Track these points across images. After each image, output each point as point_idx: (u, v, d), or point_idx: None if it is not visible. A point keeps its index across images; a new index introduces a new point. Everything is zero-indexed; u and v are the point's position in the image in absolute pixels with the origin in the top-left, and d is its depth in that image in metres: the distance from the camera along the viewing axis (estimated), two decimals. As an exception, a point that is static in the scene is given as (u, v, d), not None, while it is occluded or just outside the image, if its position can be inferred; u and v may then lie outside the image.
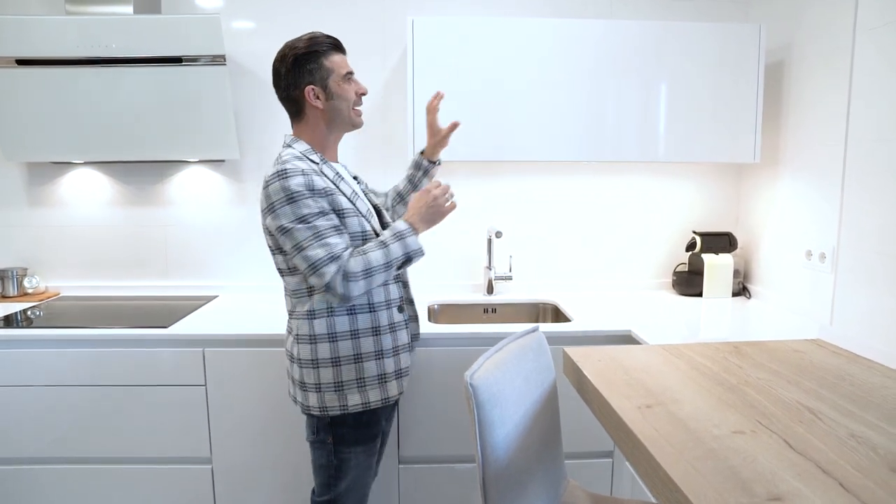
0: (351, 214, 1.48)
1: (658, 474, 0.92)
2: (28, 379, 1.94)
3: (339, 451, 1.54)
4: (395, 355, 1.56)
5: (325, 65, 1.50)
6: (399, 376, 1.58)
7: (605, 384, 1.23)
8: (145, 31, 2.08)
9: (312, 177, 1.42)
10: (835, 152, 1.89)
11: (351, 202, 1.50)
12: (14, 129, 2.21)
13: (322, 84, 1.51)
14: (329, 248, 1.39)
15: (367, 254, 1.43)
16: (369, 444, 1.58)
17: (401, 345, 1.58)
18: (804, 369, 1.34)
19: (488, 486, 1.04)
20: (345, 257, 1.40)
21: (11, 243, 2.49)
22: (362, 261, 1.41)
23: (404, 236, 1.46)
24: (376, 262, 1.42)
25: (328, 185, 1.45)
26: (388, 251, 1.44)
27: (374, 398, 1.53)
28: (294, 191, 1.39)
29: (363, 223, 1.50)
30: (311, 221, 1.40)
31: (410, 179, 1.86)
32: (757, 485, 0.86)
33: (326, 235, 1.40)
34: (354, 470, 1.56)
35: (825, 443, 0.99)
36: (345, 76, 1.53)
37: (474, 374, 1.03)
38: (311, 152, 1.52)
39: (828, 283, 1.93)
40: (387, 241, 1.45)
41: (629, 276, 2.55)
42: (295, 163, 1.43)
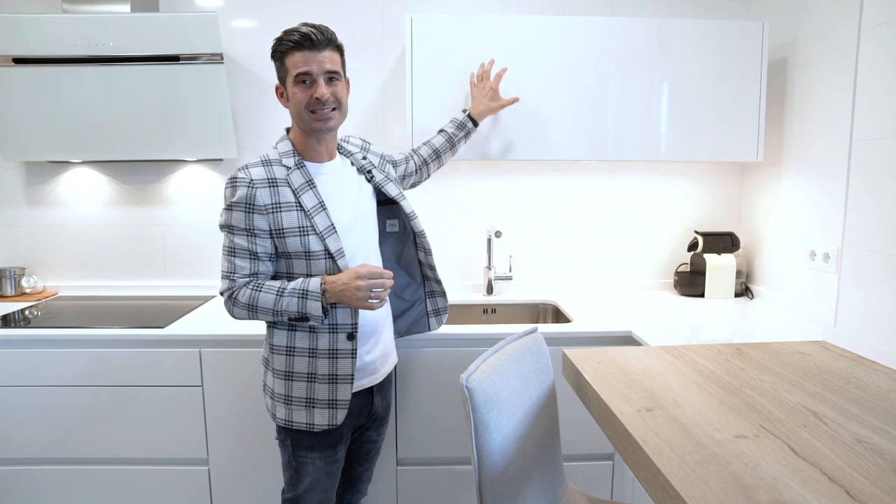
0: (292, 234, 1.42)
1: (658, 480, 0.90)
2: (25, 379, 1.92)
3: (296, 454, 1.54)
4: (331, 383, 1.47)
5: (286, 64, 1.44)
6: (331, 406, 1.48)
7: (604, 387, 1.21)
8: (142, 30, 2.07)
9: (258, 191, 1.40)
10: (839, 151, 1.87)
11: (308, 217, 1.43)
12: (11, 128, 2.20)
13: (284, 83, 1.47)
14: (232, 266, 1.43)
15: (260, 292, 1.41)
16: (327, 452, 1.54)
17: (340, 374, 1.47)
18: (808, 372, 1.31)
19: (484, 491, 1.01)
20: (238, 283, 1.42)
21: (9, 243, 2.48)
22: (250, 295, 1.41)
23: (308, 297, 1.39)
24: (264, 303, 1.41)
25: (279, 200, 1.42)
26: (279, 301, 1.40)
27: (298, 419, 1.49)
28: (233, 201, 1.41)
29: (308, 242, 1.42)
30: (233, 235, 1.43)
31: (451, 139, 1.86)
32: (759, 491, 0.84)
33: (237, 255, 1.42)
34: (312, 475, 1.55)
35: (831, 448, 0.96)
36: (296, 78, 1.42)
37: (470, 377, 1.00)
38: (289, 154, 1.48)
39: (832, 284, 1.90)
40: (286, 292, 1.40)
41: (630, 277, 2.53)
42: (252, 170, 1.42)
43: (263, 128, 2.41)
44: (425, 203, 2.43)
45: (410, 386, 1.91)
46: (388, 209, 1.68)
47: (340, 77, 1.47)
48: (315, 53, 1.41)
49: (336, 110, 1.46)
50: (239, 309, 1.44)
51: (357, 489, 1.76)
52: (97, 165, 2.46)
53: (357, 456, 1.71)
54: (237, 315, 1.45)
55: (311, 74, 1.41)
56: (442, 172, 2.40)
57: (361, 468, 1.73)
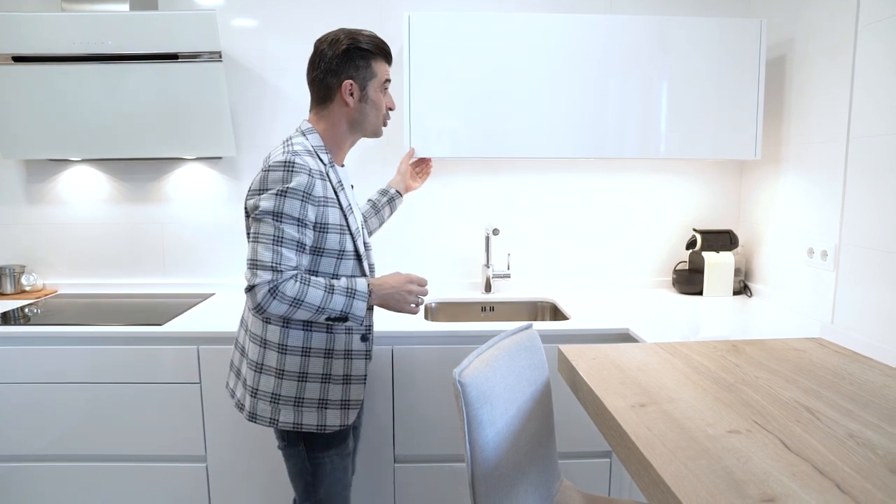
0: (334, 230, 1.41)
1: (650, 474, 0.90)
2: (24, 376, 1.93)
3: (313, 457, 1.50)
4: (345, 384, 1.48)
5: (373, 67, 1.48)
6: (344, 407, 1.48)
7: (599, 383, 1.21)
8: (141, 28, 2.07)
9: (316, 180, 1.36)
10: (837, 149, 1.86)
11: (344, 216, 1.45)
12: (11, 126, 2.21)
13: (361, 84, 1.47)
14: (279, 256, 1.32)
15: (309, 286, 1.34)
16: (341, 447, 1.53)
17: (354, 375, 1.49)
18: (803, 368, 1.31)
19: (477, 486, 1.02)
20: (286, 275, 1.32)
21: (9, 241, 2.49)
22: (299, 289, 1.33)
23: (355, 297, 1.39)
24: (311, 299, 1.34)
25: (327, 194, 1.41)
26: (329, 299, 1.36)
27: (308, 422, 1.45)
28: (291, 187, 1.32)
29: (345, 241, 1.44)
30: (283, 224, 1.33)
31: (374, 206, 1.88)
32: (750, 486, 0.84)
33: (286, 245, 1.33)
34: (331, 474, 1.52)
35: (823, 443, 0.97)
36: (384, 84, 1.52)
37: (463, 372, 1.01)
38: (322, 150, 1.46)
39: (829, 282, 1.90)
40: (336, 289, 1.37)
41: (629, 275, 2.53)
42: (306, 158, 1.37)
43: (262, 126, 2.41)
44: (424, 201, 2.44)
45: (408, 383, 1.91)
46: None
47: None
48: (390, 68, 1.56)
49: None
50: (280, 303, 1.32)
51: None
52: (96, 163, 2.46)
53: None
54: (273, 310, 1.33)
55: (390, 83, 1.55)
56: (440, 171, 2.41)
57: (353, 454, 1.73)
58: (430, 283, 2.45)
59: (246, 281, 1.34)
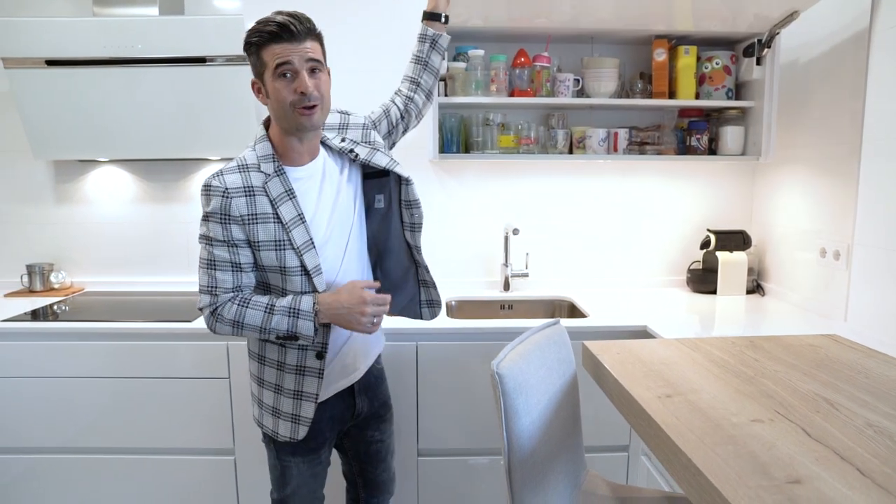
0: (267, 247, 1.35)
1: (679, 459, 0.95)
2: (55, 371, 1.99)
3: (280, 458, 1.53)
4: (296, 399, 1.44)
5: (262, 57, 1.31)
6: (294, 421, 1.45)
7: (624, 375, 1.26)
8: (171, 32, 2.13)
9: (233, 200, 1.32)
10: (850, 151, 1.91)
11: (285, 230, 1.35)
12: (43, 127, 2.27)
13: (261, 79, 1.34)
14: (213, 280, 1.34)
15: (247, 308, 1.34)
16: (309, 456, 1.53)
17: (306, 392, 1.43)
18: (820, 363, 1.37)
19: (513, 473, 1.07)
20: (221, 298, 1.34)
21: (38, 239, 2.55)
22: (237, 311, 1.33)
23: (299, 317, 1.33)
24: (251, 320, 1.34)
25: (257, 210, 1.34)
26: (269, 319, 1.34)
27: (267, 424, 1.50)
28: (208, 211, 1.34)
29: (284, 257, 1.36)
30: (212, 247, 1.34)
31: (418, 58, 1.66)
32: (776, 469, 0.89)
33: (218, 267, 1.34)
34: (297, 478, 1.54)
35: (843, 432, 1.02)
36: (276, 71, 1.29)
37: (500, 364, 1.06)
38: (268, 159, 1.37)
39: (842, 281, 1.95)
40: (276, 309, 1.34)
41: (644, 274, 2.58)
42: (227, 177, 1.33)
43: (285, 128, 2.47)
44: (444, 202, 2.49)
45: (431, 378, 1.97)
46: (376, 183, 1.54)
47: (322, 67, 1.36)
48: (295, 45, 1.29)
49: (318, 106, 1.33)
50: (222, 325, 1.35)
51: (381, 490, 1.73)
52: (124, 164, 2.53)
53: (368, 458, 1.68)
54: (219, 331, 1.36)
55: (293, 65, 1.29)
56: (460, 173, 2.46)
57: (378, 469, 1.70)
58: (450, 281, 2.50)
59: None
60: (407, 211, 1.53)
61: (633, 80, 2.29)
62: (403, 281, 1.63)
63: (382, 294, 1.40)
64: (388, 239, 1.59)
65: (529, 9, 2.07)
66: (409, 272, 1.62)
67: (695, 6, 2.01)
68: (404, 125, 1.69)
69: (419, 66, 1.67)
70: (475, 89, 2.17)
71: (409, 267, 1.61)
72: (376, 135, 1.57)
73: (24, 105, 2.24)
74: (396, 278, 1.64)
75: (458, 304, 2.38)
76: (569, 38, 2.30)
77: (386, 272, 1.65)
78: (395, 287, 1.64)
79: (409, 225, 1.54)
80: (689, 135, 2.29)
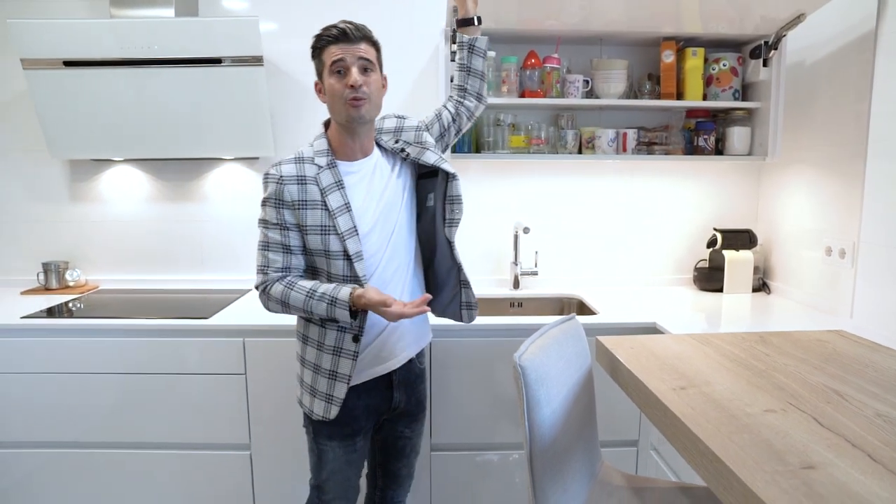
0: (314, 232, 1.47)
1: (697, 447, 0.99)
2: (74, 367, 2.03)
3: (317, 441, 1.61)
4: (330, 378, 1.53)
5: (322, 58, 1.47)
6: (328, 401, 1.54)
7: (639, 369, 1.30)
8: (187, 34, 2.17)
9: (286, 187, 1.46)
10: (855, 151, 1.95)
11: (331, 217, 1.47)
12: (59, 127, 2.31)
13: (321, 78, 1.51)
14: (266, 260, 1.49)
15: (292, 290, 1.46)
16: (345, 442, 1.59)
17: (340, 372, 1.52)
18: (829, 357, 1.40)
19: (535, 462, 1.11)
20: (272, 277, 1.49)
21: (54, 238, 2.59)
22: (282, 292, 1.47)
23: (336, 305, 1.43)
24: (295, 302, 1.46)
25: (307, 197, 1.47)
26: (309, 303, 1.45)
27: (305, 402, 1.59)
28: (265, 196, 1.49)
29: (329, 241, 1.47)
30: (266, 229, 1.50)
31: (461, 65, 1.73)
32: (791, 455, 0.93)
33: (270, 249, 1.49)
34: (332, 462, 1.60)
35: (853, 421, 1.05)
36: (331, 68, 1.45)
37: (522, 356, 1.10)
38: (323, 154, 1.51)
39: (848, 279, 1.99)
40: (316, 294, 1.45)
41: (651, 272, 2.62)
42: (283, 167, 1.48)
43: (296, 127, 2.51)
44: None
45: (443, 374, 2.00)
46: (429, 182, 1.65)
47: (375, 69, 1.48)
48: (350, 46, 1.44)
49: (366, 101, 1.45)
50: (273, 303, 1.50)
51: (398, 485, 1.78)
52: (138, 163, 2.56)
53: (393, 451, 1.73)
54: (271, 308, 1.51)
55: (345, 62, 1.43)
56: (470, 172, 2.50)
57: (399, 464, 1.75)
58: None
59: None
60: (449, 206, 1.60)
61: (641, 81, 2.33)
62: (447, 280, 1.70)
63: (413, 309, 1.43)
64: (436, 236, 1.66)
65: (540, 11, 2.11)
66: (452, 271, 1.67)
67: (702, 8, 2.05)
68: (456, 127, 1.76)
69: (463, 73, 1.74)
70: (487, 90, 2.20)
71: (452, 266, 1.66)
72: (428, 136, 1.65)
73: (41, 105, 2.28)
74: (442, 278, 1.71)
75: (469, 302, 2.41)
76: (578, 40, 2.34)
77: (435, 271, 1.72)
78: (441, 286, 1.72)
79: (449, 220, 1.60)
80: (697, 135, 2.33)
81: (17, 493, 2.10)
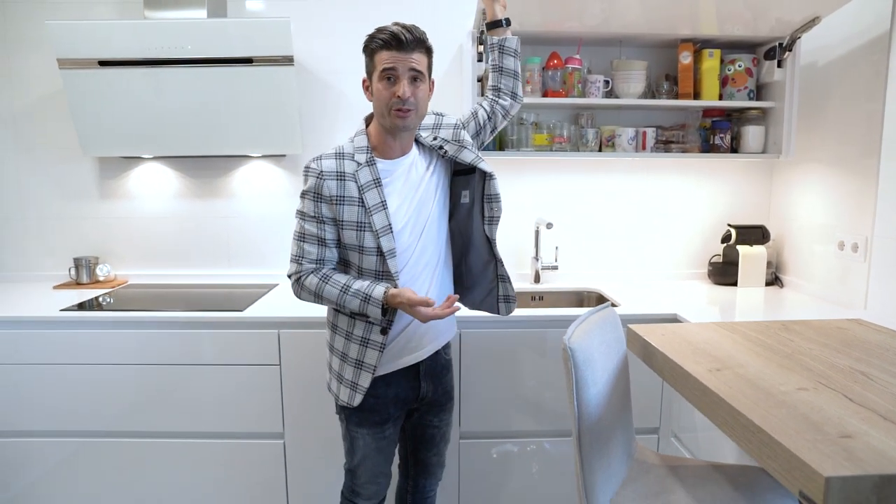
0: (350, 227, 1.52)
1: (738, 421, 1.06)
2: (110, 358, 2.09)
3: (349, 428, 1.67)
4: (356, 368, 1.59)
5: (373, 61, 1.50)
6: (353, 388, 1.60)
7: (673, 353, 1.37)
8: (220, 34, 2.23)
9: (325, 182, 1.50)
10: (868, 149, 2.03)
11: (367, 214, 1.50)
12: (93, 125, 2.36)
13: (370, 78, 1.53)
14: (301, 250, 1.54)
15: (327, 284, 1.52)
16: (374, 430, 1.64)
17: (366, 363, 1.58)
18: (850, 343, 1.48)
19: (583, 438, 1.18)
20: (306, 268, 1.54)
21: (84, 234, 2.66)
22: (317, 285, 1.53)
23: (370, 303, 1.49)
24: (329, 295, 1.53)
25: (345, 193, 1.51)
26: (343, 298, 1.51)
27: (333, 387, 1.66)
28: (304, 189, 1.54)
29: (364, 238, 1.52)
30: (303, 221, 1.55)
31: (494, 66, 1.77)
32: (828, 426, 1.00)
33: (306, 240, 1.54)
34: (363, 449, 1.66)
35: (881, 397, 1.13)
36: (381, 74, 1.47)
37: (570, 339, 1.17)
38: (362, 150, 1.54)
39: (861, 272, 2.06)
40: (350, 290, 1.50)
41: (666, 267, 2.69)
42: (324, 162, 1.52)
43: (324, 126, 2.58)
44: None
45: (472, 363, 2.07)
46: (463, 179, 1.69)
47: (424, 79, 1.51)
48: (402, 54, 1.46)
49: (412, 112, 1.49)
50: (305, 293, 1.56)
51: (429, 473, 1.83)
52: (167, 161, 2.63)
53: (422, 440, 1.78)
54: (303, 298, 1.57)
55: (396, 72, 1.46)
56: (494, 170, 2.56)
57: (429, 453, 1.80)
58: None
59: None
60: (488, 205, 1.64)
61: (659, 81, 2.41)
62: (483, 275, 1.74)
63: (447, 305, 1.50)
64: (471, 233, 1.71)
65: (562, 13, 2.18)
66: (488, 266, 1.71)
67: (719, 10, 2.13)
68: (492, 125, 1.78)
69: (496, 73, 1.77)
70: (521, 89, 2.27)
71: (489, 261, 1.70)
72: (465, 134, 1.68)
73: (75, 104, 2.34)
74: (477, 272, 1.75)
75: (491, 296, 2.49)
76: (599, 42, 2.42)
77: (468, 265, 1.76)
78: (476, 280, 1.76)
79: (489, 218, 1.65)
80: (713, 134, 2.41)
81: (54, 481, 2.16)
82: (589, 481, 1.19)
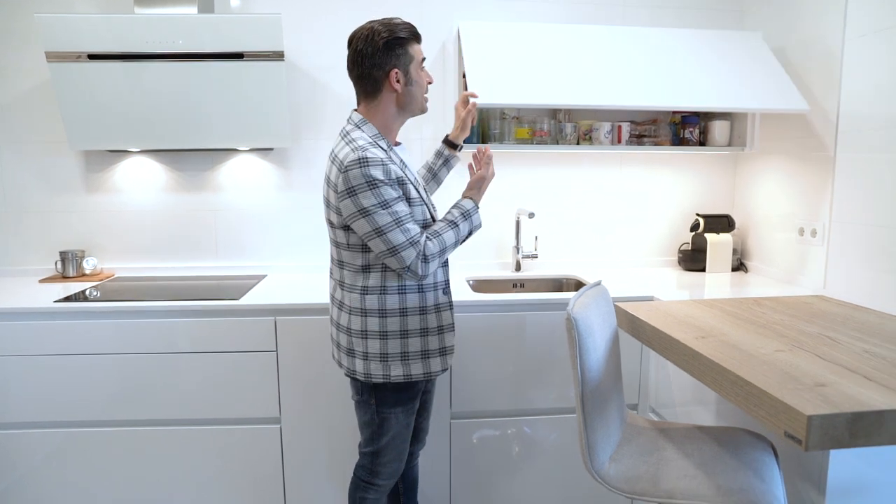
0: (417, 203, 1.60)
1: (727, 377, 1.19)
2: (106, 348, 2.11)
3: (381, 411, 1.70)
4: (440, 334, 1.69)
5: (410, 51, 1.61)
6: (443, 353, 1.71)
7: (661, 325, 1.50)
8: (211, 30, 2.27)
9: (390, 165, 1.52)
10: (825, 142, 2.21)
11: (417, 191, 1.61)
12: (81, 119, 2.36)
13: (405, 69, 1.61)
14: (408, 233, 1.53)
15: (441, 235, 1.60)
16: (407, 406, 1.72)
17: (445, 324, 1.71)
18: (816, 314, 1.64)
19: (586, 401, 1.29)
20: (422, 242, 1.55)
21: (71, 227, 2.65)
22: (438, 242, 1.58)
23: (471, 215, 1.65)
24: (449, 241, 1.61)
25: (399, 175, 1.55)
26: (458, 231, 1.63)
27: (416, 371, 1.67)
28: (376, 178, 1.49)
29: (426, 212, 1.63)
30: (392, 207, 1.51)
31: (430, 169, 1.98)
32: (805, 378, 1.14)
33: (405, 221, 1.53)
34: (394, 428, 1.72)
35: (847, 356, 1.28)
36: (421, 63, 1.66)
37: (573, 309, 1.28)
38: (379, 137, 1.60)
39: (820, 255, 2.24)
40: (457, 220, 1.63)
41: (639, 255, 2.85)
42: (373, 150, 1.52)
43: (309, 119, 2.64)
44: (458, 188, 2.70)
45: (460, 345, 2.17)
46: None
47: None
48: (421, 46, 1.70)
49: None
50: (431, 263, 1.57)
51: (418, 439, 1.94)
52: (154, 154, 2.65)
53: (421, 408, 1.90)
54: (431, 269, 1.58)
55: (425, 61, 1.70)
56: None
57: (421, 417, 1.91)
58: (466, 263, 2.74)
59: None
60: None
61: (632, 79, 2.55)
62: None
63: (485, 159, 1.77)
64: None
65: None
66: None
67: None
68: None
69: (429, 175, 1.99)
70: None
71: None
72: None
73: (63, 97, 2.34)
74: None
75: (476, 283, 2.60)
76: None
77: None
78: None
79: None
80: (683, 128, 2.57)
81: (48, 471, 2.17)
82: (591, 440, 1.31)
